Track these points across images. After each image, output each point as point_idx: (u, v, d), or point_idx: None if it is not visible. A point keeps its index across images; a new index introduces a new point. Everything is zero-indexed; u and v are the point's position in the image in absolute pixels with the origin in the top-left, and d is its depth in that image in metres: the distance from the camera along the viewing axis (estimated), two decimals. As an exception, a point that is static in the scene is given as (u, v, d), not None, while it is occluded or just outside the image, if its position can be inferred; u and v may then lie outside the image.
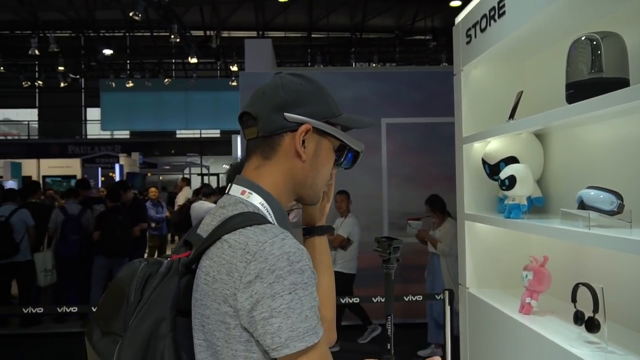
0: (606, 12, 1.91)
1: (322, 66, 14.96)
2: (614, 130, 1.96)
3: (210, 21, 16.08)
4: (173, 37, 12.66)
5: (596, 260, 2.08)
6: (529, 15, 2.00)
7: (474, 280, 2.63)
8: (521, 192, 2.14)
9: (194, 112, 19.93)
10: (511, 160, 2.34)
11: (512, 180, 2.11)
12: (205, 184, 11.12)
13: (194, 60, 14.77)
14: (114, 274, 6.46)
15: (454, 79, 2.76)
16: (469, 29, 2.57)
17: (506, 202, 2.21)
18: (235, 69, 16.17)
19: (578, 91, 1.70)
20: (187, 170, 20.18)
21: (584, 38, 1.71)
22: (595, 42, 1.67)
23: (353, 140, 1.14)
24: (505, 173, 2.15)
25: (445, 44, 15.31)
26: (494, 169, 2.44)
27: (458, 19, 2.75)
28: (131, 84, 17.90)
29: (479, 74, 2.64)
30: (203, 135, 22.89)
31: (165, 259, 1.05)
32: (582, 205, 1.71)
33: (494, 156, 2.43)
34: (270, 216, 1.05)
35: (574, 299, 1.79)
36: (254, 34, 16.50)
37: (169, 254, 1.09)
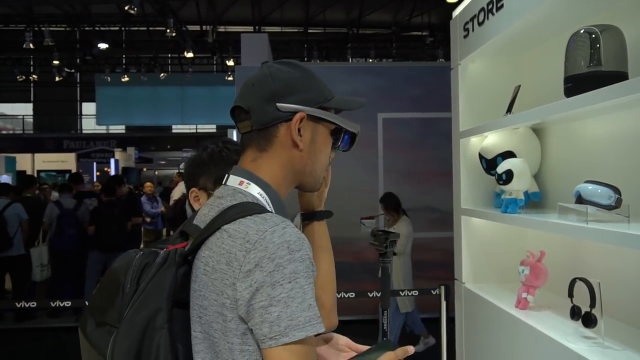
0: (604, 5, 1.89)
1: (319, 61, 14.93)
2: (612, 125, 1.95)
3: (207, 16, 16.00)
4: (169, 31, 12.60)
5: (593, 255, 2.07)
6: (527, 8, 1.98)
7: (470, 275, 2.62)
8: (518, 187, 2.13)
9: (189, 107, 19.88)
10: (508, 155, 2.33)
11: (509, 175, 2.10)
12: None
13: (190, 55, 14.73)
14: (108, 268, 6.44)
15: (451, 73, 2.74)
16: (466, 23, 2.55)
17: (503, 196, 2.20)
18: (231, 63, 16.13)
19: (576, 84, 1.69)
20: (183, 165, 20.11)
21: (582, 31, 1.69)
22: (594, 35, 1.65)
23: (348, 122, 1.13)
24: (502, 167, 2.14)
25: (442, 39, 15.27)
26: (490, 164, 2.43)
27: (455, 12, 2.73)
28: (127, 79, 17.84)
29: (476, 68, 2.62)
30: (199, 130, 22.83)
31: (161, 249, 1.03)
32: (580, 199, 1.70)
33: (491, 151, 2.42)
34: (269, 206, 1.03)
35: (570, 294, 1.78)
36: (250, 29, 16.43)
37: (163, 244, 1.08)
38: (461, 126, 2.64)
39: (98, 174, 15.60)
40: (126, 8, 10.94)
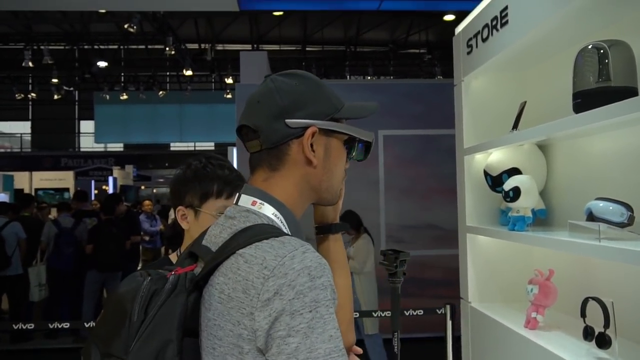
0: (610, 21, 1.88)
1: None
2: (619, 141, 1.93)
3: (205, 34, 16.10)
4: (168, 49, 12.65)
5: (603, 274, 2.04)
6: (532, 24, 1.97)
7: (476, 294, 2.58)
8: (526, 204, 2.09)
9: (188, 124, 19.88)
10: (514, 172, 2.30)
11: (516, 192, 2.07)
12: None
13: (188, 73, 14.77)
14: (107, 288, 6.37)
15: (455, 89, 2.72)
16: (469, 39, 2.54)
17: (510, 214, 2.16)
18: (230, 81, 16.18)
19: (586, 100, 1.67)
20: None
21: (590, 46, 1.68)
22: (602, 51, 1.63)
23: (362, 131, 1.07)
24: (509, 184, 2.11)
25: (439, 57, 15.36)
26: (496, 181, 2.40)
27: (458, 29, 2.72)
28: (125, 97, 17.85)
29: (479, 85, 2.61)
30: (197, 148, 22.82)
31: (167, 271, 0.97)
32: (591, 217, 1.66)
33: (496, 167, 2.39)
34: (285, 227, 0.98)
35: (583, 314, 1.74)
36: (248, 47, 16.52)
37: (172, 266, 1.02)
38: (465, 143, 2.61)
39: (96, 192, 15.54)
40: (125, 26, 11.00)
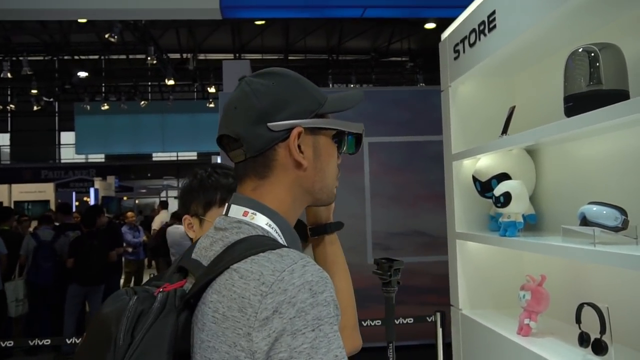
0: (599, 24, 1.88)
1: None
2: (610, 144, 1.92)
3: (187, 44, 15.99)
4: (149, 59, 12.54)
5: (595, 279, 2.02)
6: (520, 28, 1.96)
7: (466, 301, 2.55)
8: (517, 209, 2.08)
9: (170, 134, 19.71)
10: (503, 177, 2.29)
11: (507, 197, 2.05)
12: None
13: (170, 82, 14.66)
14: (89, 302, 6.23)
15: (442, 95, 2.71)
16: (456, 44, 2.53)
17: (501, 219, 2.15)
18: (212, 90, 16.10)
19: (577, 104, 1.65)
20: (164, 194, 19.88)
21: (581, 50, 1.66)
22: (593, 54, 1.62)
23: (349, 123, 1.01)
24: (499, 190, 2.09)
25: (422, 64, 15.45)
26: (485, 186, 2.38)
27: (444, 34, 2.71)
28: (106, 107, 17.64)
29: (467, 90, 2.60)
30: (180, 158, 22.65)
31: (155, 287, 0.90)
32: (585, 221, 1.65)
33: (485, 173, 2.38)
34: (280, 238, 0.92)
35: (578, 320, 1.71)
36: (230, 56, 16.45)
37: (160, 282, 0.95)
38: (453, 149, 2.59)
39: (77, 203, 15.29)
40: (106, 36, 10.88)
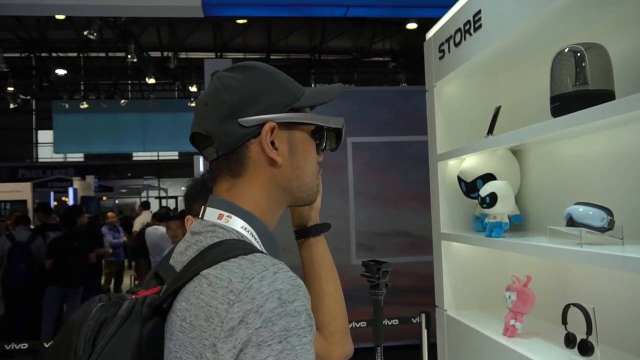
0: (583, 24, 1.87)
1: (282, 87, 14.88)
2: (596, 145, 1.92)
3: (168, 42, 15.83)
4: (130, 57, 12.38)
5: (581, 279, 2.02)
6: (506, 28, 1.95)
7: (451, 302, 2.54)
8: (502, 210, 2.07)
9: (151, 133, 19.51)
10: (488, 177, 2.28)
11: (493, 198, 2.04)
12: (163, 206, 10.81)
13: (151, 81, 14.51)
14: (67, 305, 6.12)
15: (427, 95, 2.70)
16: (441, 44, 2.51)
17: (487, 220, 2.14)
18: (194, 89, 15.96)
19: (563, 104, 1.65)
20: (145, 194, 19.66)
21: (567, 50, 1.66)
22: (579, 54, 1.62)
23: (328, 118, 0.96)
24: (485, 190, 2.08)
25: (404, 65, 15.51)
26: (470, 187, 2.37)
27: (429, 34, 2.70)
28: (86, 105, 17.40)
29: (452, 90, 2.59)
30: (161, 158, 22.43)
31: (131, 294, 0.86)
32: (571, 222, 1.64)
33: (470, 173, 2.37)
34: (257, 241, 0.88)
35: (564, 321, 1.71)
36: (212, 55, 16.33)
37: (136, 288, 0.91)
38: (439, 149, 2.58)
39: (56, 203, 15.06)
40: (85, 33, 10.71)
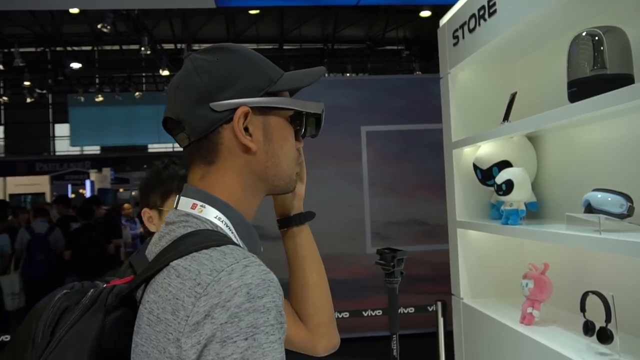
0: (601, 8, 1.84)
1: (296, 77, 14.86)
2: (614, 130, 1.89)
3: (181, 34, 15.85)
4: (143, 49, 12.42)
5: (599, 267, 2.00)
6: (521, 13, 1.92)
7: (468, 290, 2.53)
8: (519, 197, 2.05)
9: (166, 125, 19.60)
10: (504, 165, 2.26)
11: (509, 185, 2.02)
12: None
13: (165, 73, 14.55)
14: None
15: (441, 82, 2.67)
16: (455, 31, 2.49)
17: (503, 207, 2.12)
18: (207, 81, 15.96)
19: (581, 89, 1.62)
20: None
21: (585, 34, 1.63)
22: (597, 38, 1.59)
23: (307, 103, 0.92)
24: (501, 177, 2.06)
25: (417, 53, 15.38)
26: (486, 174, 2.36)
27: (443, 20, 2.67)
28: (101, 98, 17.51)
29: (467, 77, 2.56)
30: (176, 149, 22.54)
31: (103, 284, 0.84)
32: (589, 208, 1.62)
33: (486, 161, 2.35)
34: (232, 232, 0.84)
35: (583, 309, 1.69)
36: (225, 46, 16.32)
37: (110, 277, 0.89)
38: (453, 136, 2.56)
39: (73, 196, 15.23)
40: (99, 26, 10.76)
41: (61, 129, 22.26)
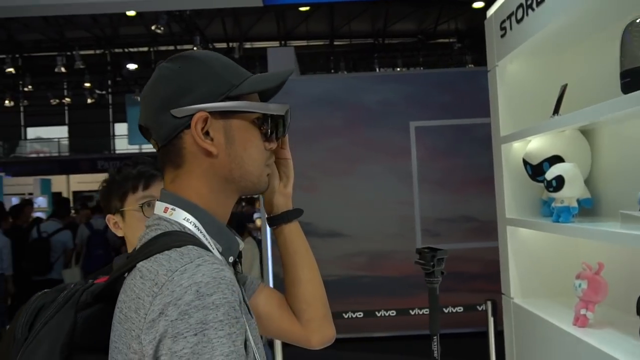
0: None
1: (346, 72, 14.85)
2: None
3: (233, 33, 16.12)
4: (196, 49, 12.69)
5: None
6: (571, 2, 1.84)
7: (518, 290, 2.45)
8: (570, 194, 1.96)
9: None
10: (555, 160, 2.17)
11: (559, 181, 1.94)
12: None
13: (217, 72, 14.82)
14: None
15: (489, 75, 2.59)
16: (503, 22, 2.40)
17: (554, 204, 2.03)
18: (258, 78, 16.15)
19: (635, 79, 1.53)
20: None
21: (638, 20, 1.54)
22: (653, 24, 1.50)
23: (268, 105, 0.94)
24: (552, 173, 1.98)
25: (470, 45, 15.04)
26: (536, 170, 2.27)
27: (490, 11, 2.59)
28: (157, 98, 18.04)
29: (515, 69, 2.47)
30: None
31: (91, 282, 0.91)
32: (645, 206, 1.53)
33: (536, 156, 2.26)
34: (201, 232, 0.88)
35: (639, 311, 1.61)
36: (276, 43, 16.48)
37: (99, 275, 0.97)
38: (502, 131, 2.48)
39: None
40: (153, 27, 11.08)
41: (121, 128, 23.07)
